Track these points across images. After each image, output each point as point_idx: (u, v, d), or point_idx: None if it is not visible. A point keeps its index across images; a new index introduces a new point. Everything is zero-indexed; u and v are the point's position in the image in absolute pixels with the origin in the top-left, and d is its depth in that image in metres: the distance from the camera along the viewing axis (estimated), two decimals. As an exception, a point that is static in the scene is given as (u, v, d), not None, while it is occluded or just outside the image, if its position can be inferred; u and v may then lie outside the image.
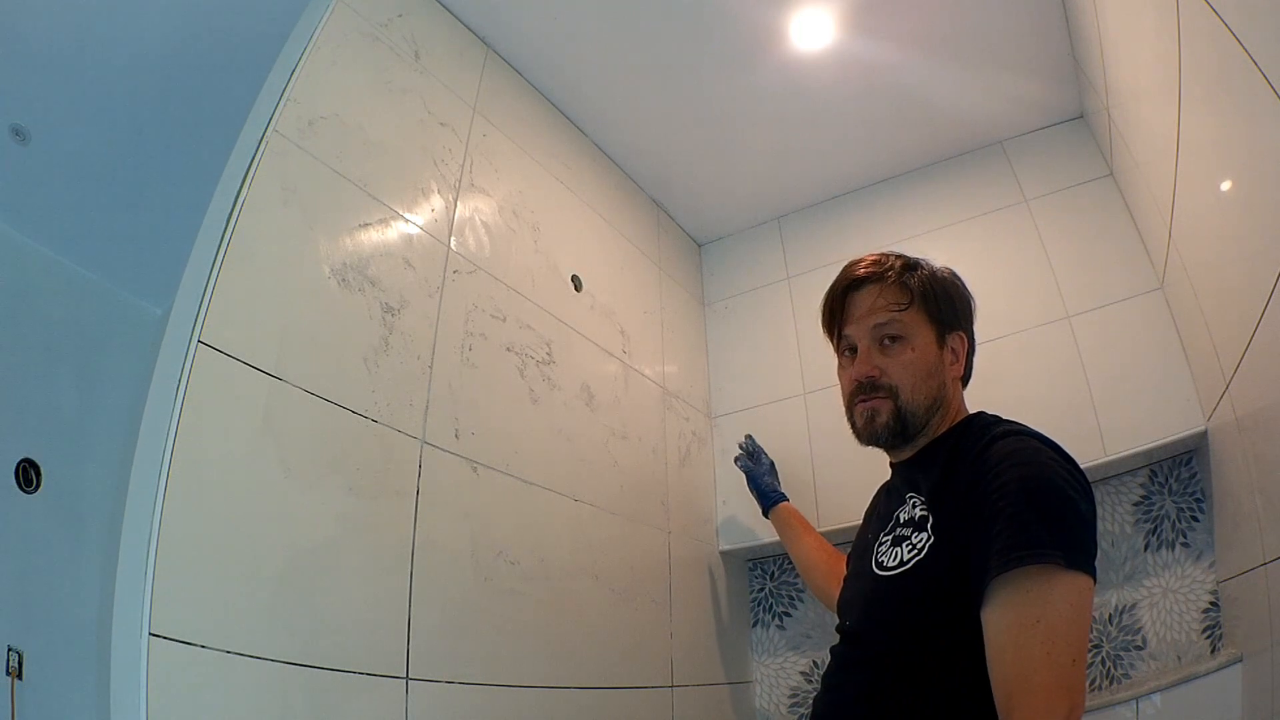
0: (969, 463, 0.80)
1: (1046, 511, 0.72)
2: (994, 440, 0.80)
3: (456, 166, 1.28)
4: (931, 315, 0.93)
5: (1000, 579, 0.70)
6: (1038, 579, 0.69)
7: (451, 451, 1.11)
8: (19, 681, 1.41)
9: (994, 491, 0.75)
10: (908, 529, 0.85)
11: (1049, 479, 0.74)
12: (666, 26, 1.44)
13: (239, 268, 0.87)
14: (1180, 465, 1.40)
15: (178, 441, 0.76)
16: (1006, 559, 0.70)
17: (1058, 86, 1.62)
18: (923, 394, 0.90)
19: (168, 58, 1.37)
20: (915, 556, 0.81)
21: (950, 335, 0.94)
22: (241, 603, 0.78)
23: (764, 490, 1.51)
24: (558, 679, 1.17)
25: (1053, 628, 0.67)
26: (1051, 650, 0.67)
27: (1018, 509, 0.72)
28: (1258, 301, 0.89)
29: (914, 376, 0.90)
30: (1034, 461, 0.76)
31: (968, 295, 0.99)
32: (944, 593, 0.77)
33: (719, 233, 2.06)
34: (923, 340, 0.92)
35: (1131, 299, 1.44)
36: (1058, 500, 0.73)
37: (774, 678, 1.71)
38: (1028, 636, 0.68)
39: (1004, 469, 0.76)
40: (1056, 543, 0.69)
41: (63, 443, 1.64)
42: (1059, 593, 0.69)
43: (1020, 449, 0.78)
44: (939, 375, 0.92)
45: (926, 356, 0.91)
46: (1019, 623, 0.69)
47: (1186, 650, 1.30)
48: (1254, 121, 0.80)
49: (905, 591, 0.81)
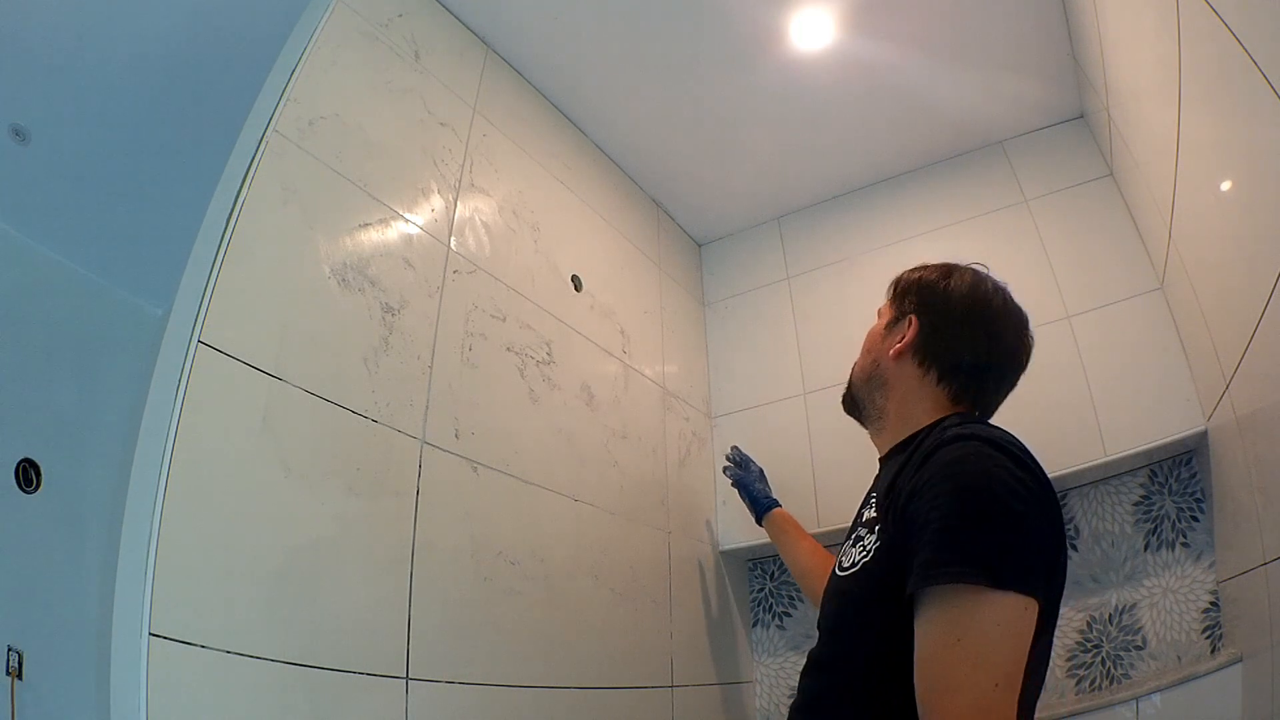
0: (915, 467, 0.77)
1: (981, 526, 0.68)
2: (942, 445, 0.76)
3: (456, 166, 1.28)
4: (895, 300, 0.99)
5: (924, 593, 0.67)
6: (963, 597, 0.65)
7: (451, 451, 1.10)
8: (19, 681, 1.41)
9: (929, 500, 0.71)
10: (863, 530, 0.85)
11: (990, 489, 0.69)
12: (666, 26, 1.44)
13: (239, 268, 0.87)
14: (1180, 465, 1.40)
15: (178, 441, 0.76)
16: (929, 574, 0.67)
17: (1058, 86, 1.62)
18: (860, 365, 1.00)
19: (168, 58, 1.37)
20: (864, 558, 0.80)
21: (904, 318, 0.95)
22: (241, 603, 0.78)
23: (756, 497, 1.50)
24: (558, 679, 1.17)
25: (975, 650, 0.63)
26: (971, 673, 0.63)
27: (949, 522, 0.68)
28: (1258, 301, 0.89)
29: (862, 349, 1.00)
30: (976, 470, 0.71)
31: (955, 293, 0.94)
32: (886, 596, 0.74)
33: (719, 233, 2.06)
34: (882, 321, 0.99)
35: (1131, 299, 1.44)
36: (996, 513, 0.68)
37: (774, 678, 1.71)
38: (947, 656, 0.65)
39: (944, 477, 0.72)
40: (986, 561, 0.65)
41: (63, 443, 1.64)
42: (985, 613, 0.64)
43: (964, 456, 0.73)
44: (875, 351, 0.97)
45: (874, 332, 0.99)
46: (940, 641, 0.66)
47: (1186, 650, 1.30)
48: (1254, 121, 0.80)
49: (853, 592, 0.81)
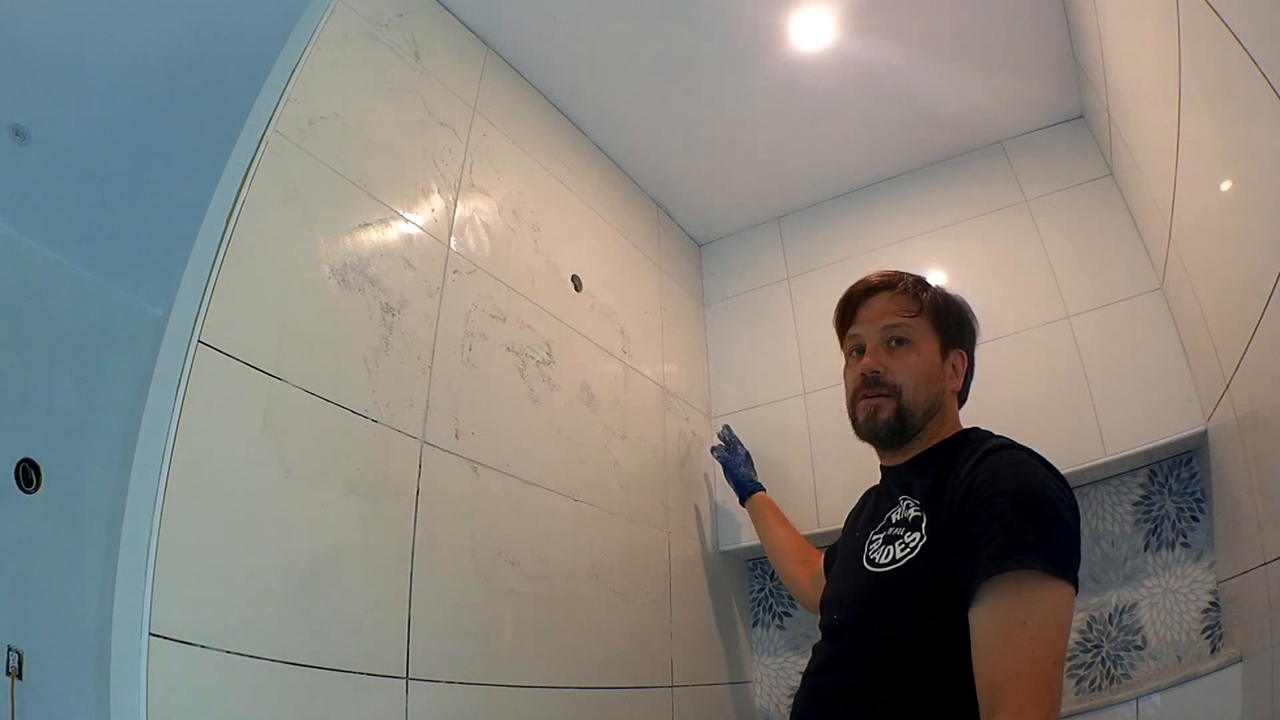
0: (966, 470, 0.84)
1: (1037, 521, 0.75)
2: (991, 451, 0.85)
3: (456, 166, 1.28)
4: (938, 327, 0.99)
5: (990, 581, 0.74)
6: (1025, 583, 0.72)
7: (451, 451, 1.10)
8: (19, 681, 1.41)
9: (989, 498, 0.78)
10: (900, 528, 0.89)
11: (1041, 491, 0.78)
12: (666, 27, 1.44)
13: (239, 268, 0.87)
14: (1180, 465, 1.40)
15: (178, 441, 0.76)
16: (998, 562, 0.73)
17: (1058, 86, 1.62)
18: (923, 396, 0.96)
19: (168, 58, 1.37)
20: (908, 555, 0.84)
21: (953, 351, 1.00)
22: (241, 602, 0.78)
23: (740, 480, 1.56)
24: (558, 679, 1.17)
25: (1037, 630, 0.71)
26: (1035, 651, 0.70)
27: (1011, 517, 0.76)
28: (1258, 301, 0.89)
29: (916, 379, 0.96)
30: (1028, 474, 0.80)
31: (974, 321, 1.05)
32: (933, 591, 0.80)
33: (719, 233, 2.06)
34: (927, 348, 0.98)
35: (1131, 299, 1.44)
36: (1049, 512, 0.77)
37: (774, 678, 1.71)
38: (1014, 637, 0.71)
39: (1000, 479, 0.80)
40: (1045, 551, 0.73)
41: (63, 443, 1.64)
42: (1044, 598, 0.72)
43: (1016, 461, 0.83)
44: (939, 383, 0.98)
45: (929, 362, 0.98)
46: (1006, 623, 0.72)
47: (1186, 650, 1.30)
48: (1254, 121, 0.80)
49: (897, 587, 0.85)
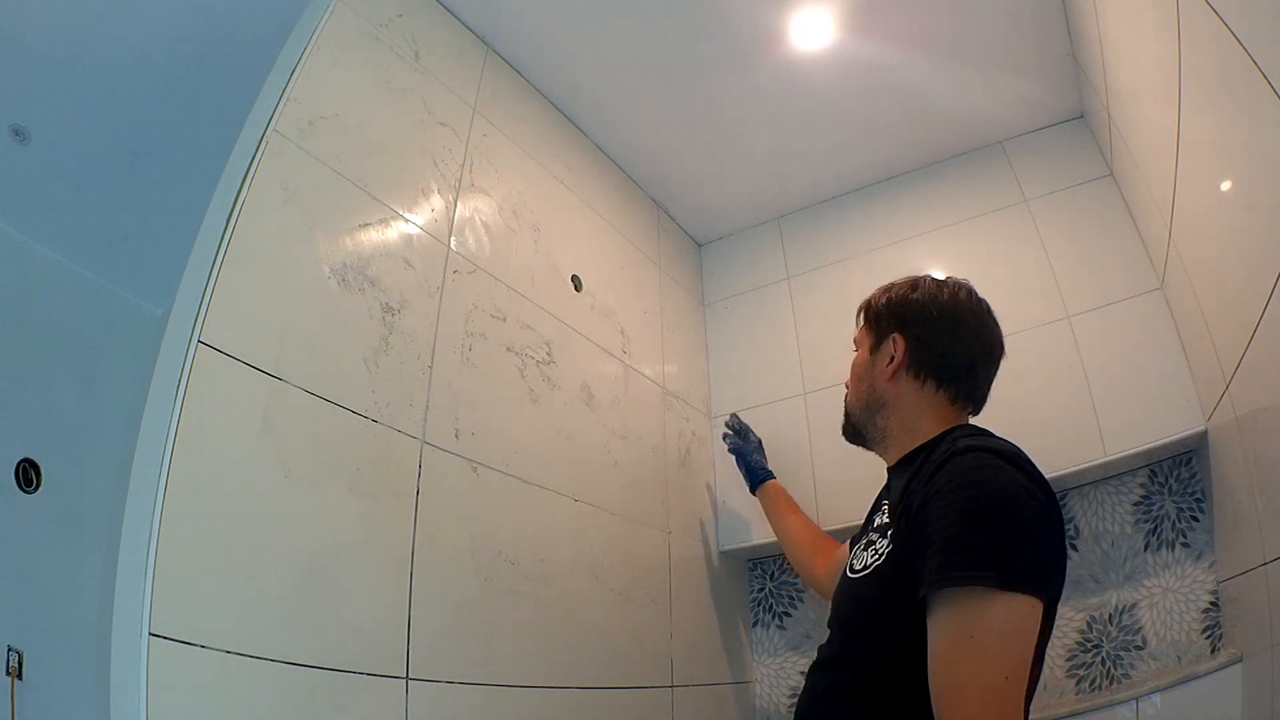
0: (928, 476, 0.81)
1: (989, 531, 0.72)
2: (953, 455, 0.80)
3: (456, 166, 1.28)
4: (870, 325, 1.02)
5: (937, 595, 0.72)
6: (972, 598, 0.70)
7: (451, 451, 1.10)
8: (19, 681, 1.41)
9: (941, 507, 0.75)
10: (875, 534, 0.89)
11: (998, 497, 0.74)
12: (666, 26, 1.44)
13: (239, 268, 0.86)
14: (1180, 465, 1.40)
15: (178, 441, 0.76)
16: (941, 577, 0.71)
17: (1058, 86, 1.62)
18: (854, 395, 1.02)
19: (168, 58, 1.37)
20: (876, 561, 0.85)
21: (885, 340, 0.99)
22: (241, 603, 0.78)
23: (752, 467, 1.56)
24: (558, 679, 1.17)
25: (984, 646, 0.68)
26: (981, 666, 0.68)
27: (959, 528, 0.73)
28: (1258, 301, 0.89)
29: (852, 381, 1.03)
30: (986, 481, 0.76)
31: (922, 299, 0.98)
32: (897, 599, 0.78)
33: (719, 233, 2.06)
34: (863, 349, 1.03)
35: (1131, 299, 1.44)
36: (1004, 519, 0.73)
37: (774, 678, 1.71)
38: (959, 652, 0.70)
39: (955, 485, 0.76)
40: (993, 564, 0.70)
41: (63, 443, 1.64)
42: (994, 613, 0.69)
43: (975, 467, 0.77)
44: (868, 378, 1.00)
45: (859, 361, 1.03)
46: (951, 638, 0.70)
47: (1186, 650, 1.30)
48: (1254, 121, 0.80)
49: (865, 594, 0.85)
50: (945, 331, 0.95)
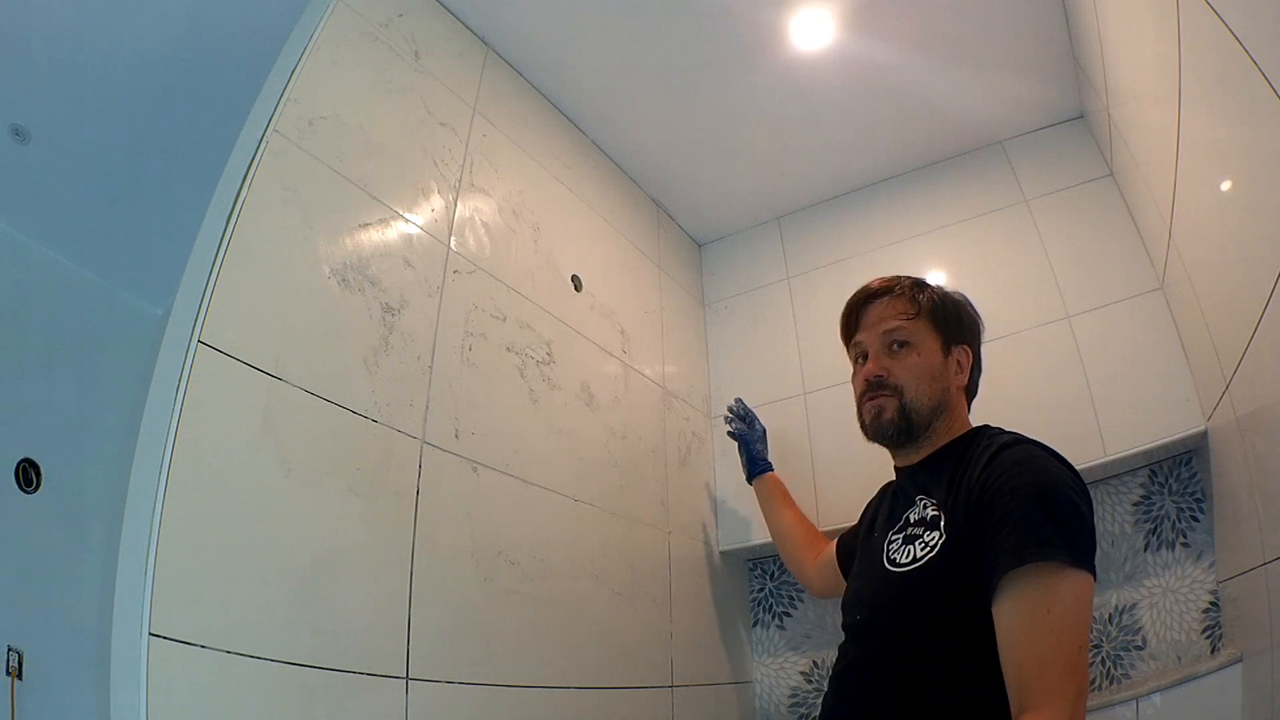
0: (980, 467, 0.86)
1: (1055, 514, 0.77)
2: (1005, 447, 0.86)
3: (456, 166, 1.28)
4: (937, 326, 1.01)
5: (1012, 574, 0.75)
6: (1047, 574, 0.74)
7: (451, 451, 1.10)
8: (19, 681, 1.41)
9: (1006, 494, 0.80)
10: (919, 528, 0.90)
11: (1056, 485, 0.80)
12: (666, 26, 1.44)
13: (239, 268, 0.86)
14: (1180, 465, 1.40)
15: (178, 441, 0.76)
16: (1020, 556, 0.75)
17: (1058, 86, 1.62)
18: (926, 395, 0.98)
19: (168, 58, 1.37)
20: (929, 553, 0.86)
21: (955, 347, 1.02)
22: (241, 603, 0.78)
23: (754, 456, 1.56)
24: (558, 679, 1.17)
25: (1061, 618, 0.73)
26: (1061, 638, 0.73)
27: (1029, 511, 0.78)
28: (1258, 301, 0.89)
29: (918, 378, 0.99)
30: (1043, 469, 0.82)
31: (976, 316, 1.07)
32: (954, 588, 0.82)
33: (719, 233, 2.06)
34: (928, 348, 1.00)
35: (1131, 299, 1.44)
36: (1065, 504, 0.79)
37: (774, 678, 1.70)
38: (1039, 626, 0.73)
39: (1016, 474, 0.82)
40: (1064, 542, 0.75)
41: (63, 443, 1.64)
42: (1066, 587, 0.74)
43: (1031, 456, 0.84)
44: (942, 380, 0.99)
45: (931, 361, 1.00)
46: (1031, 613, 0.74)
47: (1186, 650, 1.30)
48: (1254, 121, 0.80)
49: (919, 587, 0.86)
50: (980, 347, 1.07)
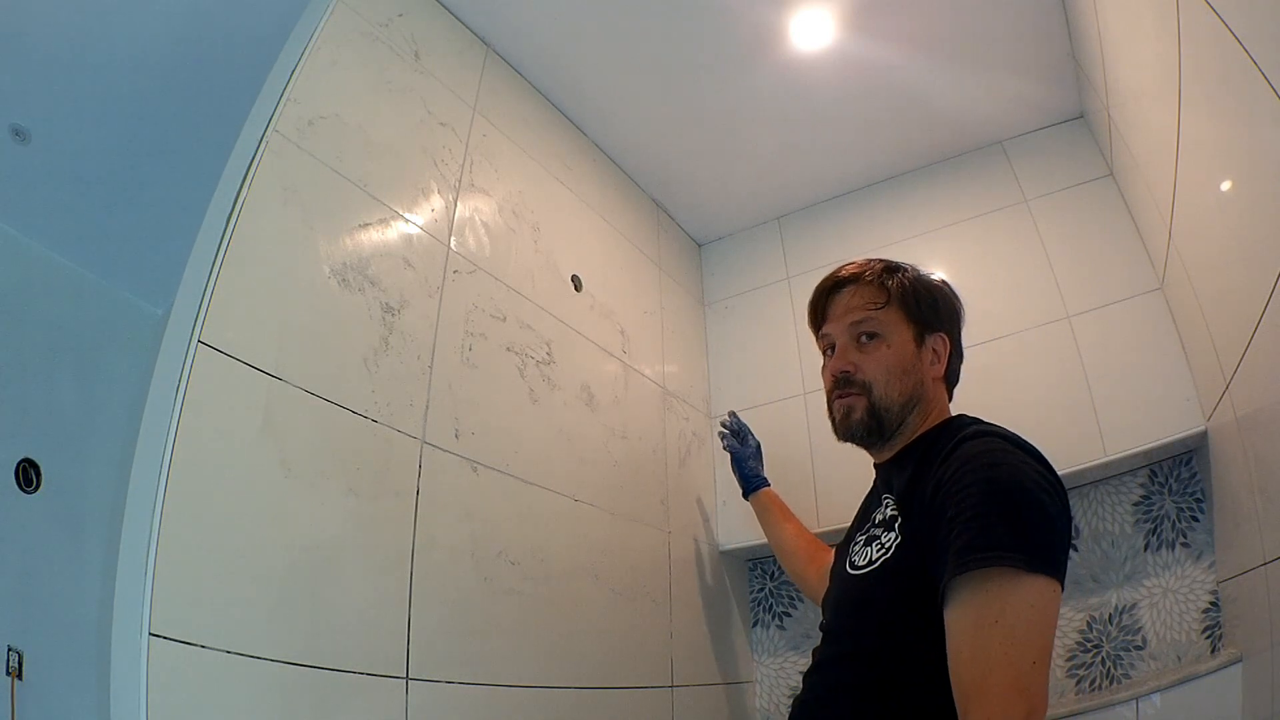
0: (938, 463, 0.79)
1: (1010, 513, 0.71)
2: (964, 440, 0.79)
3: (456, 166, 1.28)
4: (909, 315, 0.94)
5: (960, 579, 0.69)
6: (998, 580, 0.68)
7: (451, 451, 1.11)
8: (19, 681, 1.41)
9: (958, 491, 0.74)
10: (879, 529, 0.87)
11: (1015, 480, 0.73)
12: (666, 27, 1.44)
13: (239, 268, 0.86)
14: (1180, 465, 1.40)
15: (178, 441, 0.76)
16: (966, 560, 0.69)
17: (1058, 86, 1.62)
18: (896, 390, 0.91)
19: (168, 58, 1.37)
20: (883, 556, 0.82)
21: (930, 336, 0.94)
22: (242, 602, 0.78)
23: (747, 474, 1.49)
24: (558, 679, 1.17)
25: (1012, 628, 0.66)
26: (1009, 650, 0.66)
27: (980, 510, 0.71)
28: (1258, 301, 0.89)
29: (888, 373, 0.91)
30: (1002, 463, 0.75)
31: (954, 300, 0.99)
32: (909, 592, 0.77)
33: (719, 233, 2.06)
34: (899, 338, 0.93)
35: (1131, 299, 1.44)
36: (1023, 501, 0.72)
37: (774, 678, 1.71)
38: (985, 636, 0.67)
39: (970, 469, 0.75)
40: (1018, 545, 0.68)
41: (63, 443, 1.64)
42: (1020, 594, 0.67)
43: (988, 450, 0.77)
44: (915, 373, 0.92)
45: (902, 354, 0.92)
46: (977, 623, 0.68)
47: (1186, 650, 1.30)
48: (1254, 121, 0.80)
49: (872, 590, 0.83)
50: (959, 332, 0.98)
